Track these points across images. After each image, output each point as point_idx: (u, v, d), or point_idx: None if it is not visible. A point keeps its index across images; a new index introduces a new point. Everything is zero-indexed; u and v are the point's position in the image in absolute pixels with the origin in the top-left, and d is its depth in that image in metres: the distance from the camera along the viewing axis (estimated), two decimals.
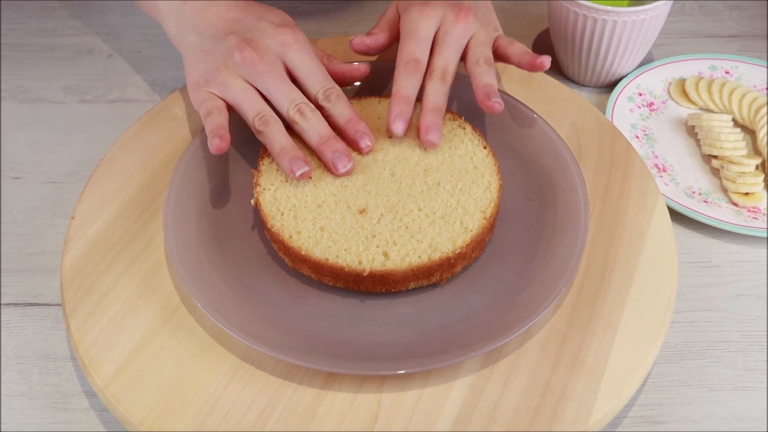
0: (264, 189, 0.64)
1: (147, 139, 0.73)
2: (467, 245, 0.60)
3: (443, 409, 0.56)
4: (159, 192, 0.68)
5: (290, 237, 0.61)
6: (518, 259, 0.64)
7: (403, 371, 0.55)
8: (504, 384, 0.57)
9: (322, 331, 0.59)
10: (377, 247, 0.60)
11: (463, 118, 0.70)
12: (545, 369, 0.58)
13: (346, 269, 0.59)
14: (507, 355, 0.59)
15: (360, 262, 0.59)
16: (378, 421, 0.55)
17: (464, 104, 0.74)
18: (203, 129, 0.67)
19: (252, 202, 0.64)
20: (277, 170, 0.65)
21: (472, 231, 0.61)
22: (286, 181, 0.64)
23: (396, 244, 0.60)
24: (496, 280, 0.62)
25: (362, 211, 0.62)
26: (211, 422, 0.54)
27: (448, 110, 0.71)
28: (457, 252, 0.60)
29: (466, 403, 0.56)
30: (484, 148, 0.68)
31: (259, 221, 0.65)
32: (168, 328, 0.60)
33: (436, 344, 0.58)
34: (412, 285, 0.61)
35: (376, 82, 0.76)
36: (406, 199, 0.63)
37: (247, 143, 0.69)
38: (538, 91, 0.78)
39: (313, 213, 0.62)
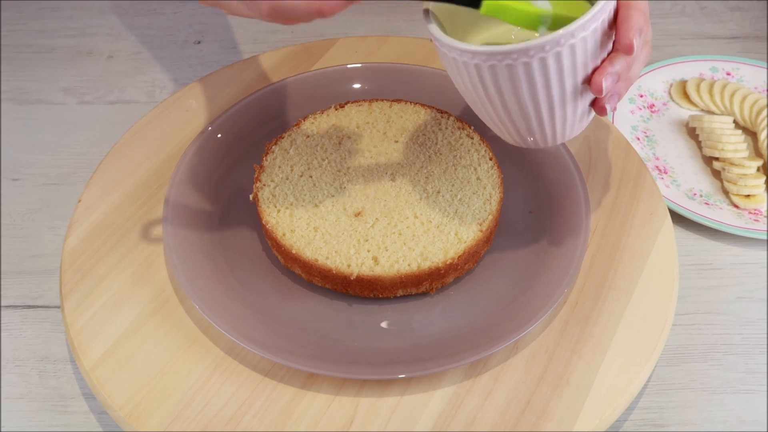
0: (264, 185, 0.64)
1: (160, 128, 0.74)
2: (459, 256, 0.60)
3: (420, 418, 0.56)
4: (165, 181, 0.69)
5: (283, 235, 0.61)
6: (512, 273, 0.63)
7: (383, 377, 0.55)
8: (484, 398, 0.57)
9: (307, 331, 0.59)
10: (368, 251, 0.60)
11: (472, 127, 0.70)
12: (528, 386, 0.57)
13: (335, 271, 0.59)
14: (490, 368, 0.58)
15: (349, 266, 0.59)
16: (353, 425, 0.55)
17: (474, 113, 0.74)
18: (209, 123, 0.68)
19: (251, 197, 0.64)
20: (279, 167, 0.66)
21: (466, 242, 0.61)
22: (287, 179, 0.65)
23: (387, 250, 0.60)
24: (487, 293, 0.62)
25: (358, 214, 0.62)
26: (189, 413, 0.55)
27: (457, 118, 0.70)
28: (448, 263, 0.60)
29: (444, 413, 0.56)
30: (490, 159, 0.67)
31: (257, 217, 0.66)
32: (158, 316, 0.60)
33: (419, 352, 0.57)
34: (400, 292, 0.61)
35: (388, 86, 0.76)
36: (403, 205, 0.63)
37: (252, 139, 0.69)
38: None
39: (309, 212, 0.63)
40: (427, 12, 0.54)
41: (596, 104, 0.53)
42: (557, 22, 0.52)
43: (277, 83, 0.75)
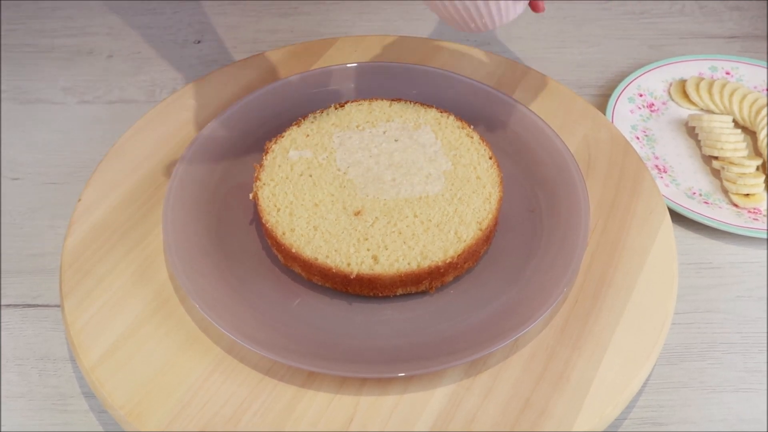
0: (264, 184, 0.65)
1: (159, 127, 0.74)
2: (459, 255, 0.60)
3: (420, 417, 0.56)
4: (165, 181, 0.69)
5: (283, 234, 0.61)
6: (512, 272, 0.63)
7: (383, 375, 0.55)
8: (484, 396, 0.57)
9: (307, 330, 0.59)
10: (368, 250, 0.60)
11: (471, 126, 0.70)
12: (528, 384, 0.57)
13: (334, 270, 0.59)
14: (490, 367, 0.58)
15: (348, 264, 0.59)
16: (353, 424, 0.55)
17: (474, 112, 0.74)
18: (209, 123, 0.68)
19: (251, 196, 0.64)
20: (279, 166, 0.66)
21: (465, 241, 0.61)
22: (287, 178, 0.65)
23: (387, 249, 0.60)
24: (486, 292, 0.62)
25: (358, 213, 0.63)
26: (189, 412, 0.55)
27: (457, 117, 0.70)
28: (447, 261, 0.60)
29: (444, 412, 0.56)
30: (490, 158, 0.67)
31: (257, 216, 0.66)
32: (158, 316, 0.61)
33: (419, 351, 0.58)
34: (399, 291, 0.61)
35: (387, 85, 0.76)
36: (402, 204, 0.63)
37: (252, 138, 0.69)
38: (554, 102, 0.77)
39: (309, 211, 0.63)
40: None
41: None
42: None
43: (277, 83, 0.75)
